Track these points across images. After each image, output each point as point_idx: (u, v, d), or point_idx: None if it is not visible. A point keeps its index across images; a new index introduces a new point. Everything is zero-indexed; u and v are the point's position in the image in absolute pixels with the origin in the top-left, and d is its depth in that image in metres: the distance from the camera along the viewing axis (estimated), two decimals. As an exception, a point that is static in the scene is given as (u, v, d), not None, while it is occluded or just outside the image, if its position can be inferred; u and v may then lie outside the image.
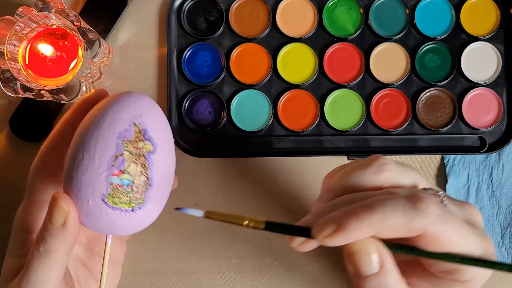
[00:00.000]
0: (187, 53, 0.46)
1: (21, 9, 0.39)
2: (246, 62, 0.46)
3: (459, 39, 0.47)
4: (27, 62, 0.41)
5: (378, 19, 0.47)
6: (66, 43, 0.42)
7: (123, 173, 0.29)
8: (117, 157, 0.29)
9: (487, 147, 0.46)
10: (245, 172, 0.46)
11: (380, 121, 0.46)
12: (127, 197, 0.30)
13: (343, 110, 0.46)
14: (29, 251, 0.33)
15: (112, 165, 0.29)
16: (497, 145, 0.46)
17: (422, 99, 0.46)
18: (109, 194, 0.29)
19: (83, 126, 0.31)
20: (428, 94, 0.46)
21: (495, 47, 0.46)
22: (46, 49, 0.41)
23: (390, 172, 0.29)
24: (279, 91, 0.46)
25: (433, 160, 0.46)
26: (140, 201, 0.30)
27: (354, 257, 0.27)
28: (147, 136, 0.30)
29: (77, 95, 0.42)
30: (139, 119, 0.30)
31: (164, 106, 0.46)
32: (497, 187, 0.46)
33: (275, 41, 0.47)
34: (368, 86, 0.46)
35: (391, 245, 0.28)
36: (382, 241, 0.28)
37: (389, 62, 0.46)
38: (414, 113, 0.46)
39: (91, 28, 0.42)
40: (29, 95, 0.40)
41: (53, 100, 0.41)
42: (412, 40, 0.47)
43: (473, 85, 0.46)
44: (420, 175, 0.31)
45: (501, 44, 0.46)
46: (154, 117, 0.31)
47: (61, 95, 0.41)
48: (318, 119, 0.46)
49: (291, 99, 0.46)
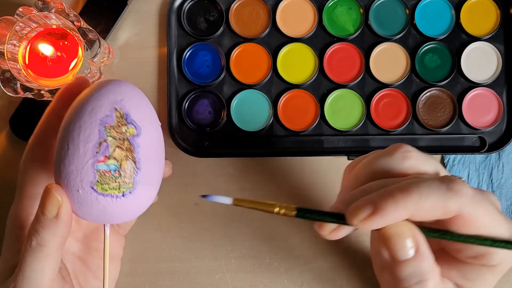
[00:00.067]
0: (187, 53, 0.46)
1: (21, 9, 0.39)
2: (246, 62, 0.46)
3: (459, 39, 0.47)
4: (27, 62, 0.41)
5: (378, 19, 0.47)
6: (66, 43, 0.42)
7: (109, 158, 0.29)
8: (101, 144, 0.29)
9: (487, 147, 0.46)
10: (245, 172, 0.46)
11: (380, 121, 0.46)
12: (116, 182, 0.30)
13: (343, 110, 0.46)
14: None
15: (96, 152, 0.29)
16: (497, 145, 0.46)
17: (422, 99, 0.46)
18: (97, 181, 0.29)
19: (67, 117, 0.31)
20: (428, 94, 0.46)
21: (495, 47, 0.46)
22: (46, 49, 0.41)
23: (414, 159, 0.30)
24: (279, 91, 0.46)
25: (433, 160, 0.46)
26: (129, 185, 0.30)
27: (389, 241, 0.27)
28: (129, 120, 0.30)
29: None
30: (119, 104, 0.30)
31: (164, 106, 0.46)
32: (497, 187, 0.46)
33: (275, 41, 0.47)
34: (368, 86, 0.46)
35: (423, 229, 0.28)
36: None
37: (389, 62, 0.46)
38: (414, 113, 0.46)
39: (91, 28, 0.42)
40: (29, 95, 0.40)
41: (53, 100, 0.41)
42: (412, 40, 0.47)
43: (473, 85, 0.46)
44: (440, 164, 0.31)
45: (501, 44, 0.46)
46: (135, 101, 0.31)
47: (60, 95, 0.41)
48: (318, 119, 0.46)
49: (291, 99, 0.46)
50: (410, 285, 0.27)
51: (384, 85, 0.46)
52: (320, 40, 0.47)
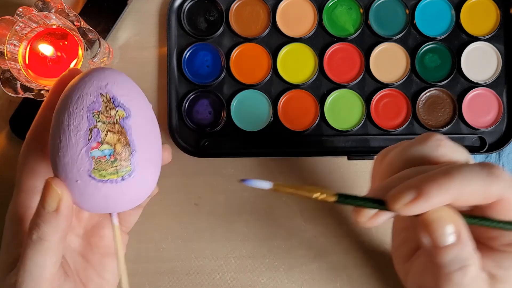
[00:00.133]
0: (187, 53, 0.46)
1: (21, 9, 0.39)
2: (246, 62, 0.46)
3: (459, 39, 0.47)
4: (27, 62, 0.41)
5: (378, 19, 0.47)
6: (66, 43, 0.42)
7: (102, 144, 0.29)
8: (91, 130, 0.29)
9: (487, 147, 0.46)
10: (245, 172, 0.46)
11: (380, 121, 0.46)
12: (113, 167, 0.29)
13: (343, 110, 0.46)
14: (23, 242, 0.33)
15: (88, 139, 0.29)
16: (497, 145, 0.46)
17: (422, 99, 0.46)
18: (94, 168, 0.29)
19: (56, 110, 0.31)
20: (428, 94, 0.46)
21: (495, 47, 0.46)
22: (46, 49, 0.41)
23: (447, 147, 0.30)
24: (279, 91, 0.46)
25: (433, 160, 0.46)
26: (127, 168, 0.30)
27: (430, 227, 0.27)
28: (117, 103, 0.30)
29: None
30: (105, 89, 0.30)
31: (164, 106, 0.46)
32: (497, 187, 0.46)
33: (275, 41, 0.47)
34: (368, 86, 0.46)
35: (463, 216, 0.28)
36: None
37: (389, 62, 0.46)
38: (414, 113, 0.46)
39: (91, 28, 0.42)
40: (29, 95, 0.40)
41: (53, 100, 0.41)
42: (412, 40, 0.47)
43: (473, 85, 0.46)
44: (469, 154, 0.31)
45: (501, 44, 0.46)
46: (121, 84, 0.31)
47: (61, 95, 0.41)
48: (318, 119, 0.46)
49: (291, 99, 0.46)
50: (452, 271, 0.27)
51: (384, 85, 0.46)
52: (320, 40, 0.47)
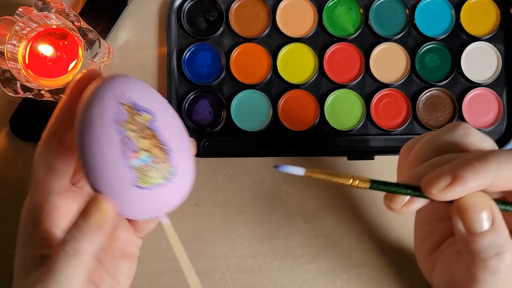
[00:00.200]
0: (187, 53, 0.46)
1: (21, 9, 0.39)
2: (246, 62, 0.46)
3: (459, 39, 0.47)
4: (27, 62, 0.41)
5: (378, 19, 0.47)
6: (66, 43, 0.42)
7: (138, 152, 0.29)
8: (124, 142, 0.29)
9: (487, 147, 0.46)
10: (245, 172, 0.46)
11: (380, 121, 0.46)
12: (156, 171, 0.29)
13: (343, 110, 0.46)
14: (40, 242, 0.33)
15: (124, 151, 0.29)
16: (497, 145, 0.46)
17: (422, 99, 0.46)
18: (138, 177, 0.29)
19: (78, 130, 0.30)
20: (428, 94, 0.46)
21: (495, 47, 0.46)
22: (46, 49, 0.41)
23: (475, 136, 0.30)
24: (279, 91, 0.46)
25: (433, 160, 0.46)
26: (169, 168, 0.30)
27: (465, 214, 0.27)
28: (139, 108, 0.30)
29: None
30: (123, 97, 0.30)
31: (164, 106, 0.46)
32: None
33: (275, 41, 0.47)
34: (368, 86, 0.46)
35: (498, 202, 0.28)
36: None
37: (389, 62, 0.46)
38: (414, 113, 0.46)
39: (91, 28, 0.42)
40: (29, 95, 0.40)
41: (53, 100, 0.41)
42: (412, 40, 0.47)
43: (473, 85, 0.46)
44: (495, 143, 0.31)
45: (501, 44, 0.46)
46: (136, 88, 0.31)
47: (61, 95, 0.41)
48: (318, 119, 0.46)
49: (291, 99, 0.46)
50: (488, 258, 0.27)
51: (384, 85, 0.46)
52: (320, 40, 0.47)
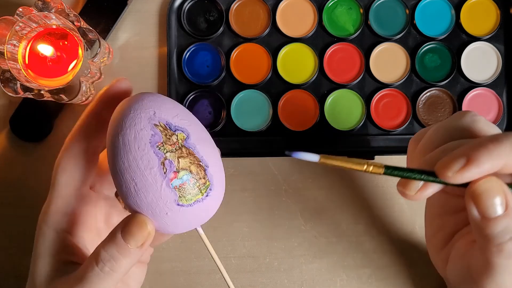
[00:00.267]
0: (187, 53, 0.46)
1: (21, 9, 0.39)
2: (246, 62, 0.46)
3: (459, 39, 0.47)
4: (27, 62, 0.41)
5: (378, 19, 0.47)
6: (66, 43, 0.42)
7: (178, 172, 0.30)
8: (163, 163, 0.29)
9: (487, 147, 0.46)
10: (245, 172, 0.46)
11: (380, 121, 0.46)
12: (196, 188, 0.30)
13: (343, 110, 0.46)
14: (62, 248, 0.33)
15: (164, 173, 0.29)
16: (497, 145, 0.46)
17: (422, 99, 0.46)
18: (180, 196, 0.30)
19: (112, 154, 0.30)
20: (428, 94, 0.46)
21: (495, 47, 0.46)
22: (46, 49, 0.41)
23: (483, 122, 0.30)
24: (279, 91, 0.46)
25: (433, 160, 0.46)
26: (207, 183, 0.31)
27: (479, 199, 0.27)
28: (173, 127, 0.30)
29: (77, 95, 0.41)
30: (156, 118, 0.30)
31: (164, 106, 0.46)
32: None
33: (275, 41, 0.47)
34: (368, 86, 0.46)
35: (510, 186, 0.28)
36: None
37: (389, 62, 0.46)
38: (414, 113, 0.46)
39: (91, 28, 0.42)
40: (29, 95, 0.40)
41: (53, 100, 0.41)
42: (412, 40, 0.47)
43: (473, 85, 0.46)
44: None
45: (501, 44, 0.46)
46: (165, 106, 0.31)
47: (61, 95, 0.41)
48: (318, 119, 0.46)
49: (291, 99, 0.46)
50: (503, 242, 0.27)
51: (384, 85, 0.46)
52: (320, 40, 0.47)
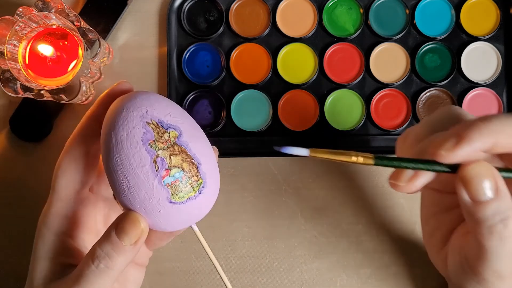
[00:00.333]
0: (187, 53, 0.46)
1: (21, 9, 0.39)
2: (246, 62, 0.46)
3: (459, 39, 0.47)
4: (27, 62, 0.41)
5: (378, 19, 0.47)
6: (66, 43, 0.42)
7: (170, 169, 0.30)
8: (155, 161, 0.29)
9: (487, 147, 0.46)
10: (245, 172, 0.46)
11: (380, 121, 0.46)
12: (188, 186, 0.30)
13: (343, 110, 0.46)
14: (61, 251, 0.33)
15: (156, 170, 0.29)
16: (497, 145, 0.46)
17: (422, 99, 0.46)
18: (172, 194, 0.30)
19: (106, 152, 0.30)
20: (428, 94, 0.46)
21: (495, 47, 0.46)
22: (46, 49, 0.41)
23: (468, 113, 0.32)
24: (279, 91, 0.46)
25: (433, 160, 0.46)
26: (200, 181, 0.31)
27: (470, 184, 0.28)
28: (165, 125, 0.30)
29: (77, 95, 0.42)
30: (147, 116, 0.30)
31: (164, 106, 0.46)
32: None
33: (275, 41, 0.47)
34: (368, 86, 0.46)
35: (500, 170, 0.29)
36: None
37: (389, 62, 0.46)
38: (414, 113, 0.46)
39: (91, 28, 0.42)
40: (29, 95, 0.40)
41: (53, 100, 0.41)
42: (412, 40, 0.47)
43: (473, 85, 0.46)
44: None
45: (501, 44, 0.46)
46: (158, 105, 0.31)
47: (61, 95, 0.41)
48: (318, 119, 0.46)
49: (291, 99, 0.46)
50: (493, 224, 0.27)
51: (384, 85, 0.46)
52: (320, 40, 0.47)
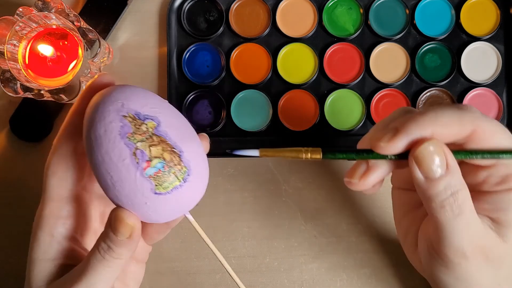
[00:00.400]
0: (187, 53, 0.46)
1: (21, 9, 0.39)
2: (246, 62, 0.46)
3: (459, 39, 0.47)
4: (27, 62, 0.41)
5: (378, 19, 0.47)
6: (66, 43, 0.42)
7: (151, 160, 0.29)
8: (135, 154, 0.29)
9: (487, 147, 0.46)
10: (245, 172, 0.46)
11: (380, 121, 0.46)
12: (172, 175, 0.30)
13: (343, 110, 0.46)
14: (58, 252, 0.33)
15: (137, 163, 0.29)
16: (497, 145, 0.46)
17: (422, 99, 0.46)
18: (156, 185, 0.29)
19: (88, 149, 0.30)
20: (428, 94, 0.46)
21: (495, 47, 0.46)
22: (46, 49, 0.41)
23: (413, 109, 0.34)
24: (279, 91, 0.46)
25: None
26: (184, 169, 0.30)
27: (422, 163, 0.29)
28: (142, 117, 0.30)
29: (77, 95, 0.42)
30: (123, 110, 0.30)
31: (164, 106, 0.46)
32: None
33: (275, 41, 0.47)
34: (368, 86, 0.46)
35: (453, 152, 0.30)
36: None
37: (389, 62, 0.46)
38: (414, 113, 0.46)
39: (91, 28, 0.42)
40: (29, 95, 0.40)
41: (53, 100, 0.41)
42: (412, 40, 0.47)
43: (473, 85, 0.46)
44: None
45: (501, 44, 0.46)
46: (135, 97, 0.31)
47: (61, 95, 0.41)
48: (318, 119, 0.46)
49: (291, 99, 0.46)
50: (445, 198, 0.29)
51: (384, 85, 0.46)
52: (320, 40, 0.47)
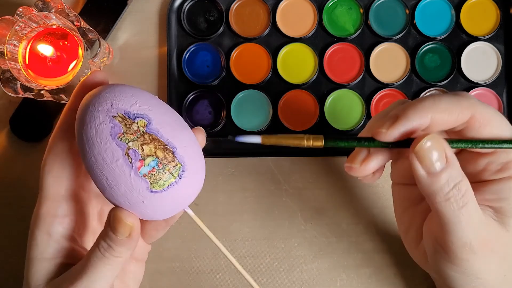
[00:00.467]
0: (187, 53, 0.46)
1: (21, 9, 0.39)
2: (246, 62, 0.46)
3: (459, 39, 0.47)
4: (27, 62, 0.41)
5: (378, 19, 0.47)
6: (66, 43, 0.42)
7: (144, 159, 0.29)
8: (128, 154, 0.29)
9: (487, 147, 0.46)
10: (245, 172, 0.46)
11: (380, 121, 0.46)
12: (166, 173, 0.30)
13: (343, 110, 0.46)
14: (55, 252, 0.33)
15: (130, 162, 0.29)
16: (497, 145, 0.46)
17: (422, 99, 0.46)
18: (151, 183, 0.29)
19: (81, 150, 0.30)
20: (428, 94, 0.46)
21: (495, 47, 0.46)
22: (46, 49, 0.41)
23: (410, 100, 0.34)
24: (279, 91, 0.46)
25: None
26: (178, 165, 0.30)
27: (423, 158, 0.30)
28: (132, 116, 0.30)
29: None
30: (113, 110, 0.30)
31: (164, 106, 0.46)
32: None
33: (275, 41, 0.47)
34: (368, 86, 0.46)
35: (450, 141, 0.31)
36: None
37: (389, 62, 0.46)
38: (414, 113, 0.46)
39: (91, 28, 0.42)
40: (29, 95, 0.40)
41: (53, 100, 0.41)
42: (412, 40, 0.47)
43: (473, 85, 0.46)
44: None
45: (501, 44, 0.46)
46: (124, 96, 0.31)
47: (61, 95, 0.41)
48: (318, 119, 0.46)
49: (291, 99, 0.46)
50: (449, 190, 0.30)
51: (384, 85, 0.46)
52: (320, 40, 0.47)
